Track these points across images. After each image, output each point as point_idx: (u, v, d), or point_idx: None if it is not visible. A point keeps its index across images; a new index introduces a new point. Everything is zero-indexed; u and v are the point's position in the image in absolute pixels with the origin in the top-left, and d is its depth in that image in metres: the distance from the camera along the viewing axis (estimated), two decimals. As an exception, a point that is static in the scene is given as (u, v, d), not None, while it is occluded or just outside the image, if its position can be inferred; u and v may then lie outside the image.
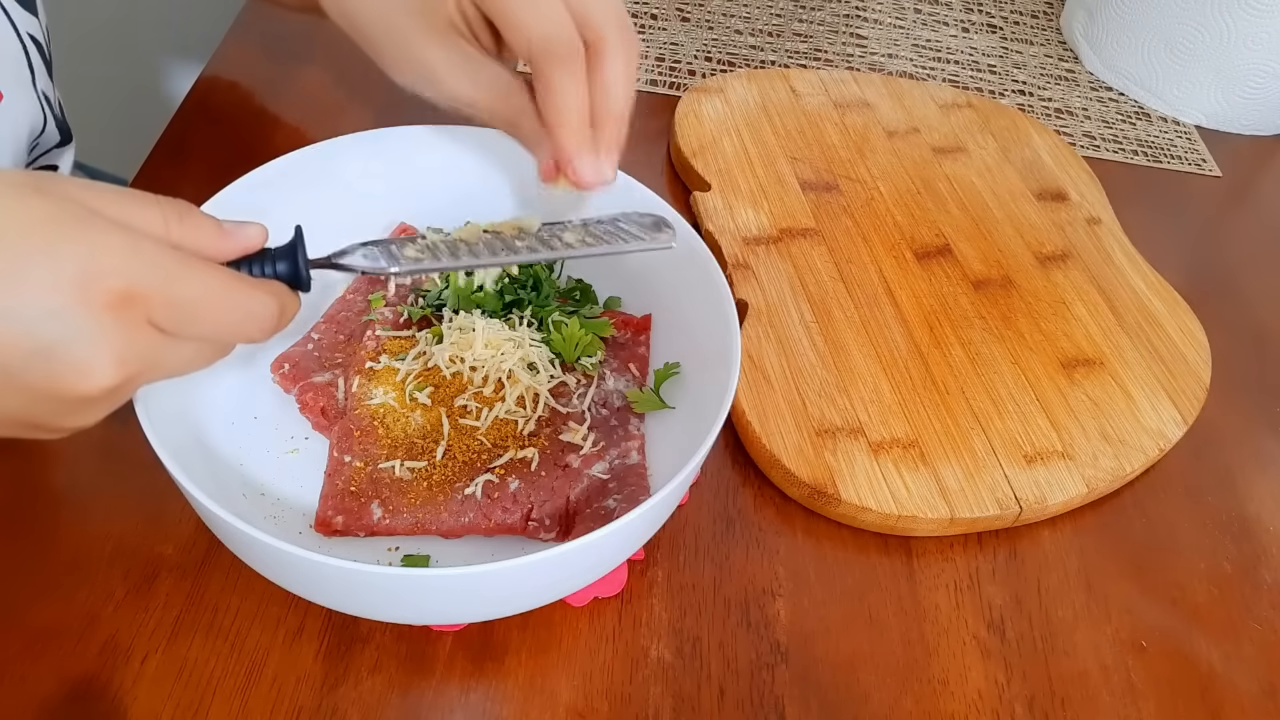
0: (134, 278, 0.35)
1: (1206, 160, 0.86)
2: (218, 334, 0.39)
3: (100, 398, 0.36)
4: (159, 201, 0.38)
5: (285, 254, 0.42)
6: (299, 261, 0.42)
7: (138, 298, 0.35)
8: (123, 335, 0.35)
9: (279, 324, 0.40)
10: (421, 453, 0.50)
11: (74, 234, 0.35)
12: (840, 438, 0.56)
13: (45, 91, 0.53)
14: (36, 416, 0.37)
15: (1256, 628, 0.54)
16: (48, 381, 0.35)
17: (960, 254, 0.69)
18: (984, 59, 0.93)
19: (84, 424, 0.39)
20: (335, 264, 0.44)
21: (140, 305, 0.35)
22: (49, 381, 0.35)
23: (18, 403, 0.36)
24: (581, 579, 0.46)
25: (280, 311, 0.40)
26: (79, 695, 0.43)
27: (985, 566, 0.54)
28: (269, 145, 0.55)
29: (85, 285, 0.34)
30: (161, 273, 0.36)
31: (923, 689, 0.49)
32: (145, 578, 0.47)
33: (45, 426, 0.38)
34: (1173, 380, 0.63)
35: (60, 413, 0.37)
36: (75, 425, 0.38)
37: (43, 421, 0.38)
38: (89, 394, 0.35)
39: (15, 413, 0.37)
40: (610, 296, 0.59)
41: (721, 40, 0.88)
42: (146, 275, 0.35)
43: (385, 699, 0.45)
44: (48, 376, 0.35)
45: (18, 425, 0.38)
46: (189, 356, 0.39)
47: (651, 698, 0.47)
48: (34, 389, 0.35)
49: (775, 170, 0.73)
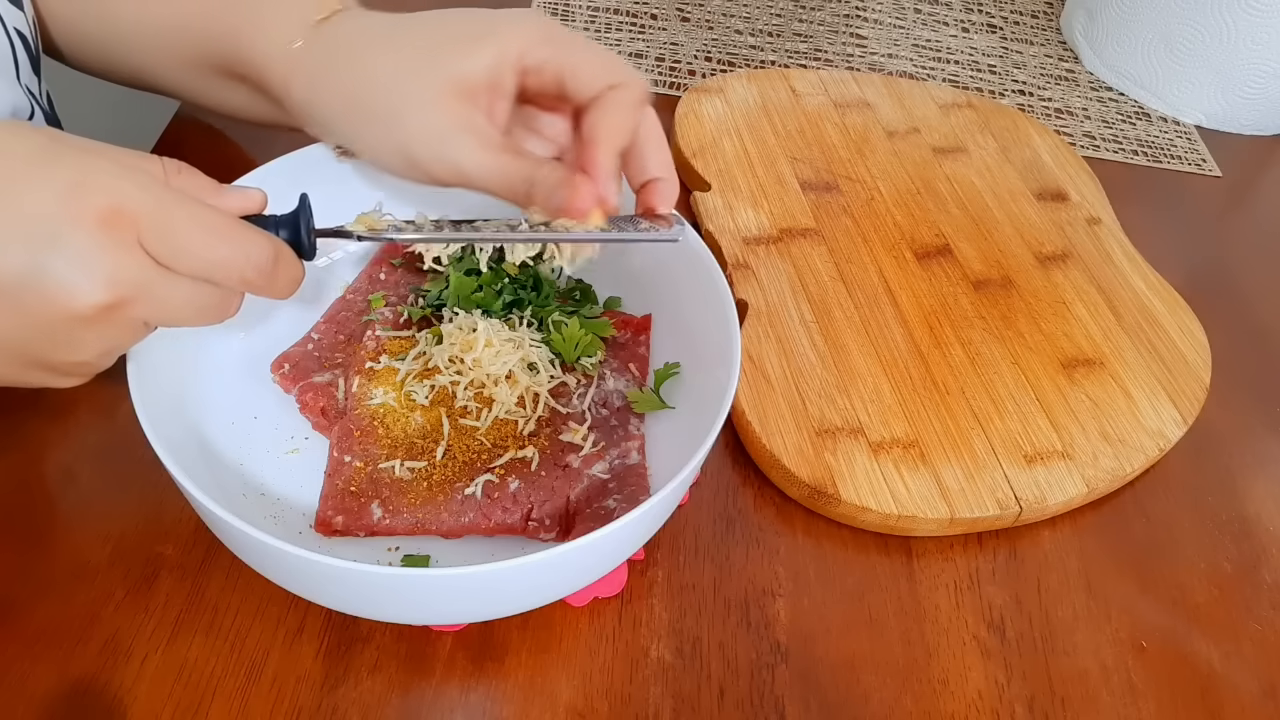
0: (124, 196, 0.36)
1: (1206, 160, 0.86)
2: (211, 269, 0.38)
3: (93, 317, 0.36)
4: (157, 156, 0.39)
5: (288, 221, 0.41)
6: (301, 228, 0.41)
7: (126, 215, 0.36)
8: (112, 252, 0.36)
9: (276, 271, 0.40)
10: (421, 453, 0.50)
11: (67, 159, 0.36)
12: (840, 438, 0.56)
13: (30, 86, 0.53)
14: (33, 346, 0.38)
15: (1256, 628, 0.54)
16: (40, 300, 0.35)
17: (960, 254, 0.69)
18: (984, 59, 0.93)
19: (85, 357, 0.39)
20: (338, 231, 0.44)
21: (130, 224, 0.36)
22: (41, 300, 0.35)
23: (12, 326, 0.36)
24: (581, 579, 0.46)
25: (275, 255, 0.40)
26: (79, 695, 0.43)
27: (985, 566, 0.54)
28: (269, 146, 0.55)
29: (75, 199, 0.35)
30: (152, 196, 0.37)
31: (923, 689, 0.49)
32: (145, 578, 0.47)
33: (44, 361, 0.38)
34: (1173, 380, 0.63)
35: (55, 341, 0.37)
36: (76, 359, 0.39)
37: (40, 353, 0.38)
38: (80, 311, 0.36)
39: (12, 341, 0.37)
40: (610, 296, 0.59)
41: (721, 40, 0.88)
42: (137, 196, 0.36)
43: (385, 699, 0.45)
44: (40, 295, 0.35)
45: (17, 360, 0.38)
46: (185, 296, 0.38)
47: (651, 698, 0.47)
48: (27, 309, 0.36)
49: (775, 170, 0.73)
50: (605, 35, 0.87)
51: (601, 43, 0.85)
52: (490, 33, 0.46)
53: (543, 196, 0.44)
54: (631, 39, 0.87)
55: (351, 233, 0.44)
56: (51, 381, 0.40)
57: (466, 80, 0.45)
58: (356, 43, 0.48)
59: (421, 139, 0.45)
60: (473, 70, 0.45)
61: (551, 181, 0.44)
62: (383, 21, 0.48)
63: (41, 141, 0.37)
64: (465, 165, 0.45)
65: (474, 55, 0.45)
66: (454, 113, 0.45)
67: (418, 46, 0.46)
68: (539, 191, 0.45)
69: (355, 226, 0.44)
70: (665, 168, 0.48)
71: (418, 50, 0.46)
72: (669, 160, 0.49)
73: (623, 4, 0.90)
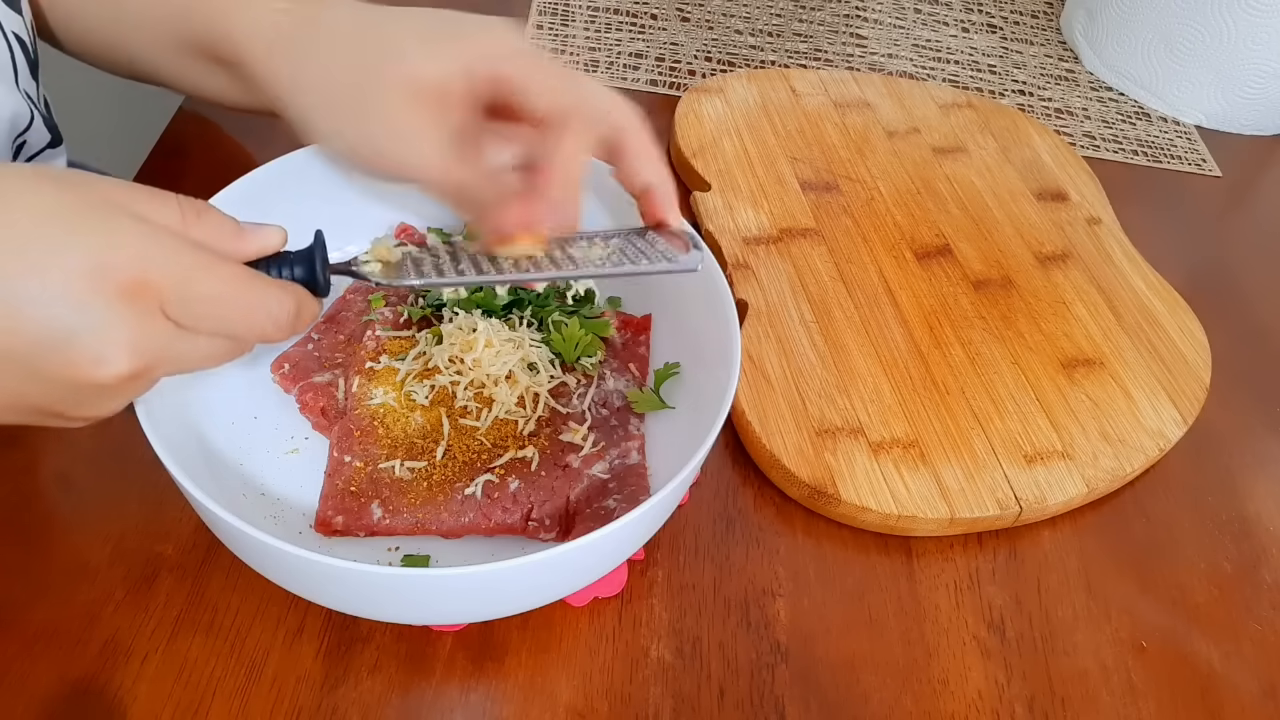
0: (149, 267, 0.35)
1: (1206, 160, 0.86)
2: (233, 330, 0.38)
3: (116, 386, 0.36)
4: (177, 198, 0.38)
5: (303, 258, 0.41)
6: (316, 266, 0.41)
7: (152, 287, 0.36)
8: (137, 324, 0.36)
9: (296, 325, 0.40)
10: (421, 453, 0.50)
11: (90, 223, 0.35)
12: (840, 438, 0.56)
13: (29, 91, 0.53)
14: (54, 405, 0.38)
15: (1256, 628, 0.54)
16: (63, 369, 0.35)
17: (960, 254, 0.69)
18: (984, 59, 0.93)
19: (102, 414, 0.39)
20: (354, 272, 0.43)
21: (154, 295, 0.36)
22: (64, 369, 0.35)
23: (36, 390, 0.36)
24: (581, 579, 0.46)
25: (297, 311, 0.39)
26: (79, 695, 0.43)
27: (985, 566, 0.54)
28: (269, 146, 0.55)
29: (100, 273, 0.35)
30: (177, 264, 0.36)
31: (923, 689, 0.49)
32: (145, 578, 0.47)
33: (64, 415, 0.39)
34: (1173, 380, 0.63)
35: (78, 401, 0.37)
36: (93, 415, 0.39)
37: (61, 410, 0.38)
38: (104, 382, 0.36)
39: (34, 401, 0.37)
40: (610, 296, 0.59)
41: (721, 40, 0.88)
42: (162, 265, 0.36)
43: (385, 699, 0.45)
44: (64, 365, 0.35)
45: (37, 413, 0.38)
46: (205, 352, 0.39)
47: (651, 698, 0.47)
48: (51, 377, 0.36)
49: (775, 170, 0.73)
50: (605, 35, 0.87)
51: (601, 42, 0.85)
52: (456, 37, 0.46)
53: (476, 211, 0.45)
54: (631, 39, 0.87)
55: (367, 275, 0.43)
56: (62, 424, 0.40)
57: (424, 81, 0.45)
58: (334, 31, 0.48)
59: (381, 130, 0.45)
60: (431, 73, 0.45)
61: (487, 198, 0.44)
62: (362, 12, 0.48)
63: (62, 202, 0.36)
64: (417, 162, 0.45)
65: (435, 58, 0.45)
66: (416, 109, 0.45)
67: (389, 42, 0.46)
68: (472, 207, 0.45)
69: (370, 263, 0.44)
70: (658, 174, 0.48)
71: (388, 45, 0.46)
72: (662, 166, 0.48)
73: (623, 4, 0.90)
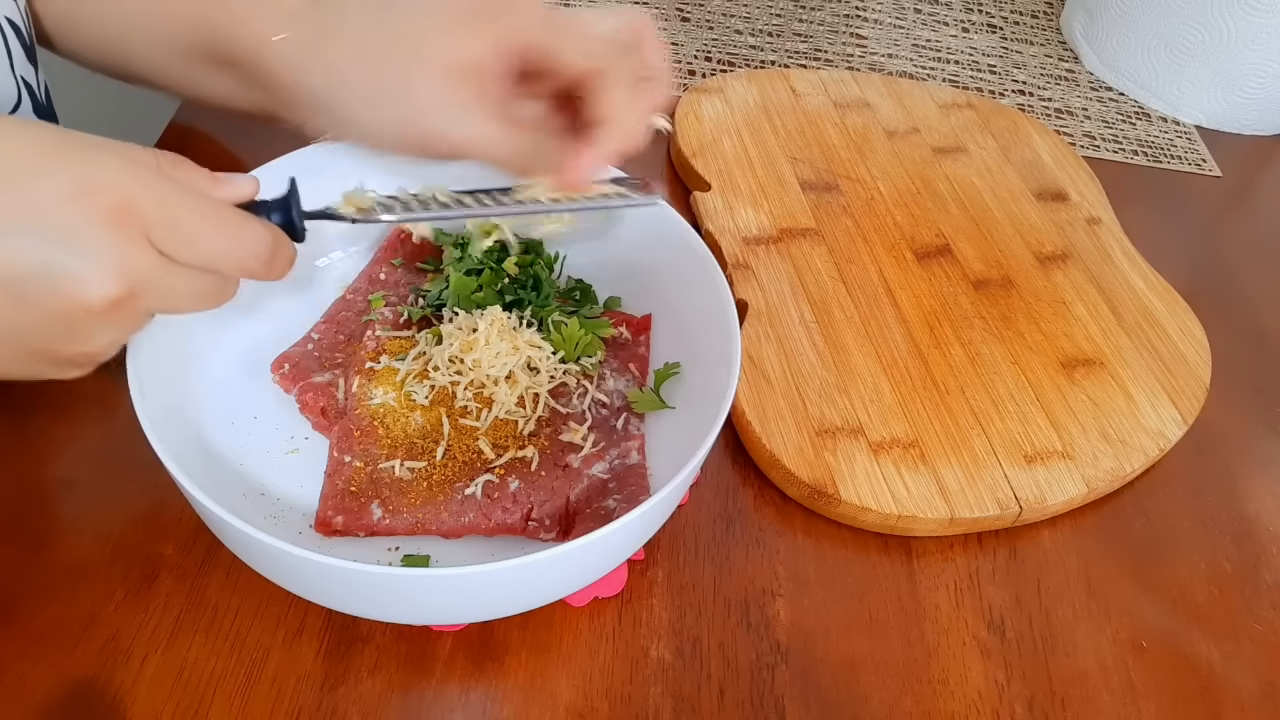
0: (130, 192, 0.37)
1: (1206, 160, 0.86)
2: (214, 259, 0.39)
3: (103, 311, 0.37)
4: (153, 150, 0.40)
5: (279, 205, 0.43)
6: (293, 212, 0.43)
7: (135, 212, 0.37)
8: (121, 245, 0.37)
9: (274, 261, 0.41)
10: (421, 453, 0.50)
11: (72, 153, 0.37)
12: (840, 438, 0.56)
13: (25, 76, 0.53)
14: (46, 340, 0.38)
15: (1256, 628, 0.54)
16: (52, 293, 0.36)
17: (960, 254, 0.69)
18: (984, 59, 0.93)
19: (95, 350, 0.40)
20: (328, 214, 0.45)
21: (137, 219, 0.37)
22: (53, 293, 0.36)
23: (25, 320, 0.37)
24: (581, 579, 0.46)
25: (274, 244, 0.41)
26: (79, 695, 0.43)
27: (985, 566, 0.54)
28: (270, 145, 0.55)
29: (83, 195, 0.36)
30: (156, 191, 0.38)
31: (923, 689, 0.49)
32: (145, 578, 0.47)
33: (54, 354, 0.39)
34: (1173, 380, 0.63)
35: (68, 332, 0.38)
36: (85, 351, 0.40)
37: (51, 346, 0.39)
38: (90, 304, 0.37)
39: (27, 337, 0.38)
40: (610, 296, 0.59)
41: (721, 40, 0.88)
42: (142, 191, 0.37)
43: (385, 699, 0.45)
44: (50, 289, 0.36)
45: (28, 354, 0.39)
46: (190, 286, 0.40)
47: (651, 698, 0.47)
48: (38, 304, 0.37)
49: (775, 170, 0.73)
50: (605, 35, 0.87)
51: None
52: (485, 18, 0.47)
53: (545, 165, 0.46)
54: (631, 39, 0.87)
55: (342, 215, 0.45)
56: (56, 373, 0.41)
57: (473, 58, 0.47)
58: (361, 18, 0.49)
59: (429, 111, 0.46)
60: (479, 50, 0.47)
61: (554, 150, 0.46)
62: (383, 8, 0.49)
63: (46, 137, 0.37)
64: (473, 136, 0.46)
65: (480, 35, 0.47)
66: (460, 87, 0.46)
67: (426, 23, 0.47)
68: (541, 160, 0.46)
69: (344, 208, 0.45)
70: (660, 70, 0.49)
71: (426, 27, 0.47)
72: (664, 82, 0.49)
73: (623, 4, 0.90)
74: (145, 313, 0.40)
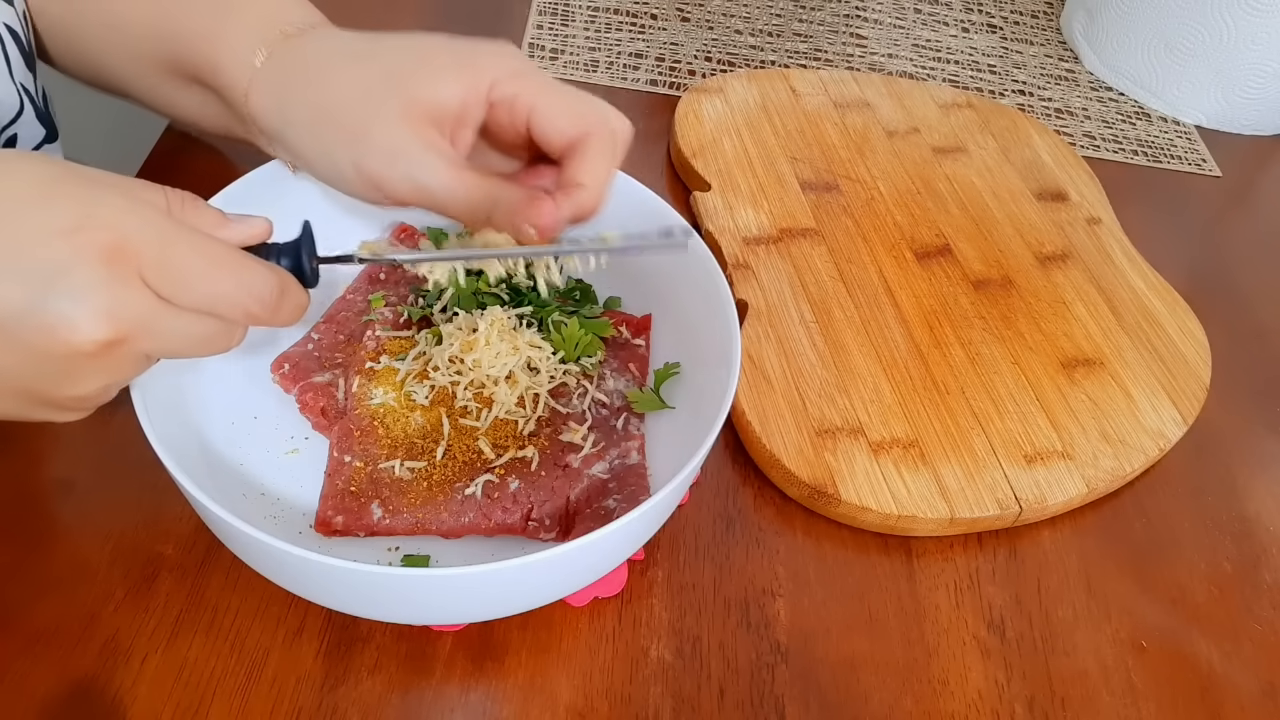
0: (127, 231, 0.36)
1: (1206, 160, 0.86)
2: (213, 302, 0.38)
3: (94, 354, 0.36)
4: (164, 188, 0.39)
5: (290, 249, 0.41)
6: (303, 257, 0.41)
7: (129, 250, 0.35)
8: (113, 286, 0.35)
9: (281, 307, 0.39)
10: (421, 453, 0.50)
11: (71, 191, 0.36)
12: (840, 438, 0.56)
13: (24, 83, 0.53)
14: (37, 382, 0.37)
15: (1256, 628, 0.54)
16: (41, 335, 0.35)
17: (960, 254, 0.69)
18: (984, 59, 0.93)
19: (87, 393, 0.38)
20: (341, 258, 0.44)
21: (133, 260, 0.36)
22: (42, 335, 0.35)
23: (15, 362, 0.36)
24: (581, 579, 0.46)
25: (281, 290, 0.39)
26: (79, 695, 0.43)
27: (985, 566, 0.54)
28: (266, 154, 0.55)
29: (76, 232, 0.35)
30: (156, 230, 0.36)
31: (923, 689, 0.49)
32: (145, 578, 0.47)
33: (46, 397, 0.38)
34: (1173, 380, 0.63)
35: (58, 375, 0.37)
36: (78, 395, 0.38)
37: (45, 389, 0.37)
38: (80, 347, 0.35)
39: (16, 377, 0.37)
40: (610, 296, 0.59)
41: (721, 40, 0.88)
42: (140, 231, 0.36)
43: (385, 699, 0.45)
44: (38, 329, 0.35)
45: (20, 396, 0.38)
46: (190, 331, 0.38)
47: (651, 698, 0.47)
48: (28, 344, 0.35)
49: (775, 170, 0.73)
50: (605, 35, 0.87)
51: (601, 42, 0.85)
52: (466, 64, 0.46)
53: (504, 215, 0.44)
54: (631, 39, 0.87)
55: (353, 257, 0.44)
56: (53, 417, 0.40)
57: (436, 105, 0.45)
58: (328, 58, 0.48)
59: (386, 156, 0.45)
60: (444, 97, 0.45)
61: (514, 200, 0.44)
62: (356, 40, 0.48)
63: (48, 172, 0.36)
64: (430, 182, 0.45)
65: (447, 83, 0.45)
66: (420, 133, 0.45)
67: (390, 67, 0.46)
68: (501, 210, 0.44)
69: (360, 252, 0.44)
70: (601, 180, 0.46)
71: (389, 71, 0.46)
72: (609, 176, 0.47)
73: (623, 4, 0.90)
74: (141, 356, 0.38)
